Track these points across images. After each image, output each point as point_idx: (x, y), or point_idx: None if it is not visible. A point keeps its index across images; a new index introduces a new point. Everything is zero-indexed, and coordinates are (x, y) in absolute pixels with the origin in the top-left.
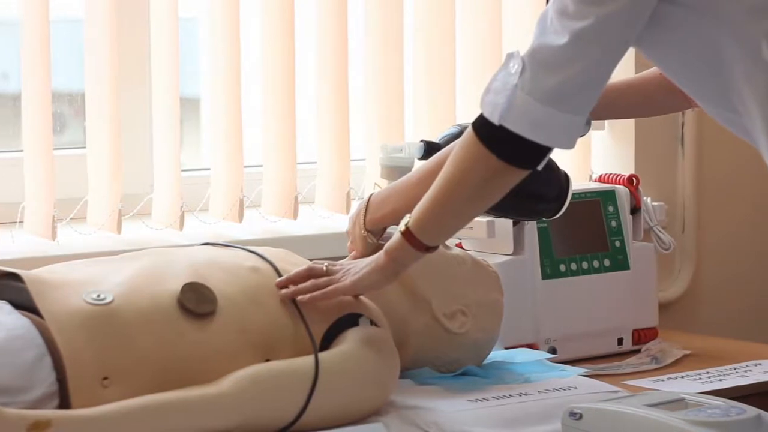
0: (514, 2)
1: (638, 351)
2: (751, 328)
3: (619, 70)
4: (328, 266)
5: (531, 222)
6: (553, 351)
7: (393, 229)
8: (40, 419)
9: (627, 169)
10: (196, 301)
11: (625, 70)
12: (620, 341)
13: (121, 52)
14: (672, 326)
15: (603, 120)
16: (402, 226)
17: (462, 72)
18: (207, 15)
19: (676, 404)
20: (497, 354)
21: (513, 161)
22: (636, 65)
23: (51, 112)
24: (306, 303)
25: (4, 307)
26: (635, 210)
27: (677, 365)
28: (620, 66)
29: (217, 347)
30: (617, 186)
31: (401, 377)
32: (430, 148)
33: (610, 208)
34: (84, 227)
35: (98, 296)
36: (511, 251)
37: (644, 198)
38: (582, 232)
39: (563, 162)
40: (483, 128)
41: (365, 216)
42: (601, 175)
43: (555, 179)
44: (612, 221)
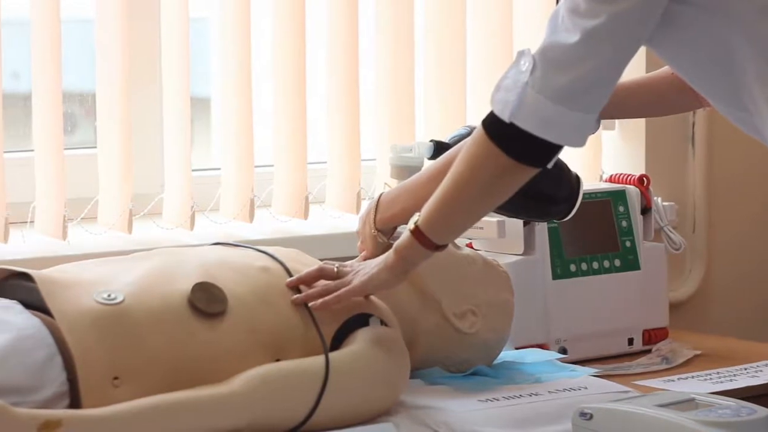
0: (525, 1)
1: (649, 351)
2: (762, 329)
3: (630, 69)
4: (339, 267)
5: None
6: (564, 351)
7: (403, 229)
8: (51, 419)
9: (637, 169)
10: (207, 301)
11: (636, 69)
12: (631, 341)
13: (132, 52)
14: (682, 326)
15: (614, 119)
16: (411, 225)
17: (473, 72)
18: (218, 15)
19: (687, 404)
20: (507, 354)
21: (523, 159)
22: (647, 64)
23: (62, 112)
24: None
25: (15, 307)
26: (646, 210)
27: (688, 365)
28: (631, 65)
29: (228, 347)
30: (628, 186)
31: (411, 377)
32: (440, 148)
33: (621, 208)
34: (95, 227)
35: (109, 296)
36: (522, 251)
37: (655, 198)
38: (592, 233)
39: (574, 162)
40: (493, 126)
41: (375, 215)
42: (612, 175)
43: (566, 181)
44: (622, 221)
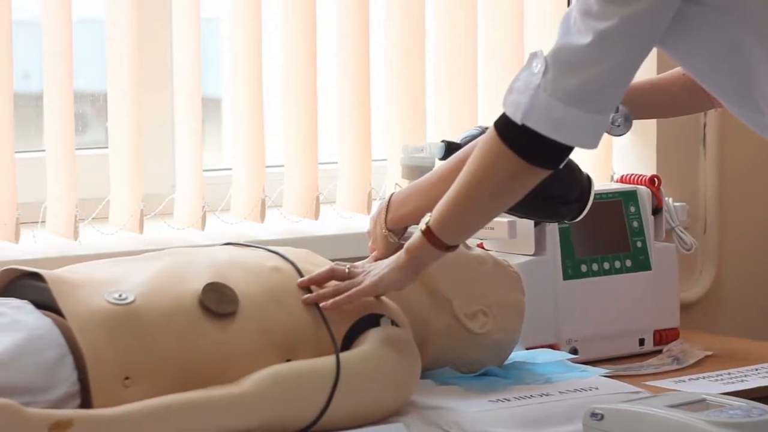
0: (537, 2)
1: (660, 351)
2: None
3: (642, 70)
4: (350, 268)
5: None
6: (575, 351)
7: (414, 229)
8: (62, 419)
9: (649, 170)
10: (218, 301)
11: (648, 70)
12: (641, 342)
13: (143, 53)
14: (693, 327)
15: None
16: (422, 225)
17: (484, 72)
18: (229, 15)
19: (698, 405)
20: (518, 354)
21: (534, 161)
22: (658, 65)
23: (73, 112)
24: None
25: (26, 307)
26: (657, 210)
27: (699, 366)
28: (643, 66)
29: (239, 347)
30: (639, 186)
31: (422, 377)
32: (451, 149)
33: (632, 209)
34: (106, 227)
35: (120, 296)
36: (533, 252)
37: (666, 198)
38: (603, 233)
39: (585, 162)
40: (505, 127)
41: (386, 215)
42: (623, 176)
43: (577, 181)
44: (633, 221)
